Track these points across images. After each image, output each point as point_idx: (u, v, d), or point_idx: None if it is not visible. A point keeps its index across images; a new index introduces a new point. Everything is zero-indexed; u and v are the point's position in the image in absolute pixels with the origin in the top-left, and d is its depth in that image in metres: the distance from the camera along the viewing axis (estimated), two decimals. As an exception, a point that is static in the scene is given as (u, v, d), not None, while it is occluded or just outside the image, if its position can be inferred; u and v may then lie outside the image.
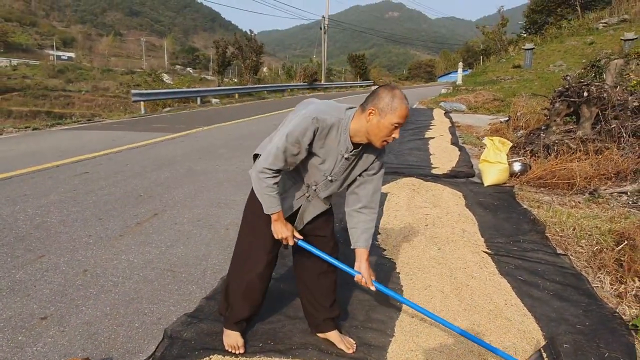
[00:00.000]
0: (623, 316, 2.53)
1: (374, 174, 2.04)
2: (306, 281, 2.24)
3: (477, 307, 2.60)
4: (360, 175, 2.03)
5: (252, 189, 2.04)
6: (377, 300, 2.68)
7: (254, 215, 2.10)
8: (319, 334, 2.30)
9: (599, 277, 3.00)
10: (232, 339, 2.20)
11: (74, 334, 2.33)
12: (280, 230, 1.98)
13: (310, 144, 1.84)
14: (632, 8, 24.89)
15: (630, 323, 2.42)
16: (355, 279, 2.08)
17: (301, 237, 2.06)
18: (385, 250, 3.44)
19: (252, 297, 2.17)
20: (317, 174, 1.98)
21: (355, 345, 2.24)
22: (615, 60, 8.39)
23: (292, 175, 2.01)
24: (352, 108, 1.89)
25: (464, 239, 3.57)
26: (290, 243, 2.02)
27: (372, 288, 2.07)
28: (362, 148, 1.92)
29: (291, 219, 2.07)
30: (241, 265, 2.16)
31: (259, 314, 2.31)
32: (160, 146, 7.95)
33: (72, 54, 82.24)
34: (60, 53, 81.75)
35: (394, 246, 3.47)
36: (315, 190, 2.02)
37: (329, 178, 1.97)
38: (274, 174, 1.86)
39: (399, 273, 3.05)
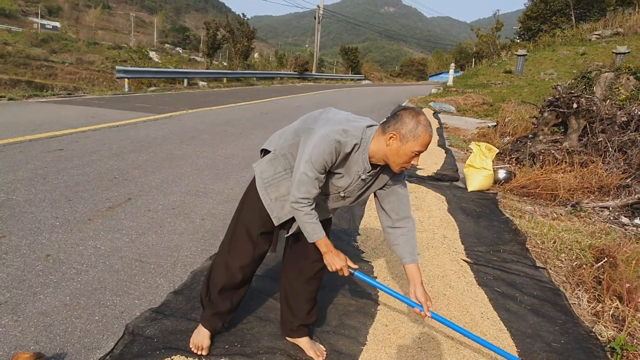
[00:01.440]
0: (599, 337, 2.49)
1: (395, 185, 1.93)
2: (293, 284, 2.13)
3: (453, 319, 2.52)
4: (381, 188, 1.93)
5: (254, 179, 1.97)
6: (352, 306, 2.60)
7: (248, 207, 2.00)
8: (288, 339, 2.21)
9: (576, 294, 2.97)
10: (199, 338, 2.10)
11: (28, 325, 2.19)
12: (333, 261, 1.85)
13: (332, 165, 1.76)
14: (626, 22, 25.18)
15: (608, 345, 2.38)
16: (414, 311, 1.94)
17: (357, 267, 1.91)
18: (364, 252, 3.35)
19: (231, 289, 2.07)
20: (330, 189, 1.88)
21: (325, 352, 2.16)
22: (606, 74, 8.42)
23: None
24: (372, 126, 1.79)
25: (444, 246, 3.51)
26: (346, 274, 1.88)
27: (429, 315, 1.91)
28: (380, 168, 1.83)
29: (290, 221, 1.95)
30: (226, 254, 2.05)
31: (235, 312, 2.20)
32: (141, 127, 7.72)
33: (57, 24, 79.83)
34: (45, 22, 79.33)
35: (373, 249, 3.39)
36: (324, 200, 1.93)
37: (342, 194, 1.88)
38: (310, 203, 1.76)
39: (376, 277, 2.97)
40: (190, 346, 2.09)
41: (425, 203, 4.52)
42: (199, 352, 2.06)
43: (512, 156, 6.41)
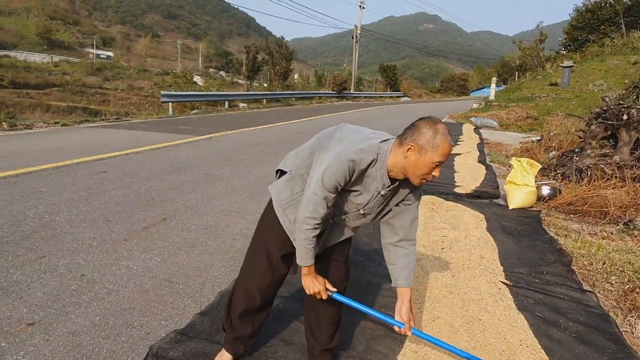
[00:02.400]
0: (655, 369, 2.26)
1: (411, 204, 1.87)
2: (315, 308, 2.06)
3: (488, 346, 2.37)
4: (396, 205, 1.87)
5: (270, 201, 1.96)
6: (380, 330, 2.49)
7: (265, 230, 1.98)
8: None
9: (628, 320, 2.72)
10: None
11: (58, 344, 2.23)
12: (311, 284, 1.83)
13: (347, 183, 1.71)
14: (682, 28, 23.88)
15: (663, 379, 2.15)
16: (394, 329, 1.91)
17: (335, 290, 1.90)
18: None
19: (251, 313, 2.03)
20: (350, 207, 1.83)
21: None
22: (659, 83, 7.93)
23: None
24: (387, 140, 1.73)
25: (481, 267, 3.34)
26: (324, 297, 1.86)
27: (409, 334, 1.90)
28: (399, 182, 1.77)
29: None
30: (245, 278, 2.02)
31: (257, 336, 2.15)
32: (181, 148, 7.95)
33: (110, 53, 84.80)
34: (99, 52, 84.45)
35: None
36: (344, 219, 1.89)
37: (362, 212, 1.83)
38: (317, 223, 1.72)
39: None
40: None
41: (462, 222, 4.34)
42: None
43: (558, 171, 6.09)
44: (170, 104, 15.85)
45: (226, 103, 19.32)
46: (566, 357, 2.33)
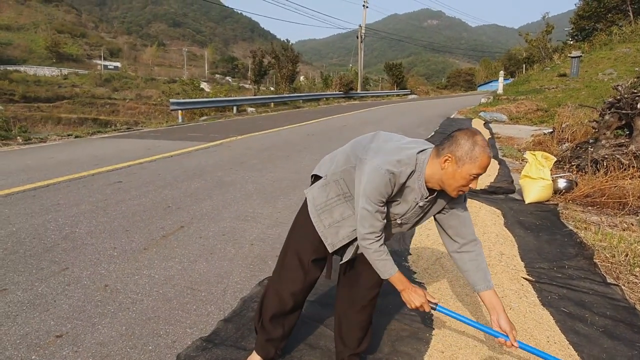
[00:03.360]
0: (687, 362, 2.22)
1: (454, 209, 1.84)
2: (347, 312, 2.07)
3: (516, 343, 2.35)
4: (440, 212, 1.85)
5: (305, 202, 1.96)
6: (405, 332, 2.48)
7: (299, 234, 1.97)
8: None
9: (656, 313, 2.68)
10: None
11: (87, 355, 2.26)
12: (412, 298, 1.78)
13: (390, 196, 1.71)
14: (691, 13, 23.50)
15: (696, 371, 2.12)
16: (499, 342, 1.80)
17: (437, 301, 1.84)
18: (415, 273, 3.23)
19: (282, 316, 2.03)
20: (387, 216, 1.80)
21: None
22: (673, 69, 7.81)
23: (351, 204, 1.85)
24: (424, 150, 1.71)
25: (502, 263, 3.31)
26: (427, 310, 1.83)
27: (516, 345, 1.77)
28: (436, 193, 1.76)
29: (344, 247, 1.91)
30: (277, 281, 2.02)
31: (288, 339, 2.16)
32: (193, 155, 8.00)
33: (118, 64, 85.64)
34: (107, 63, 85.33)
35: (425, 269, 3.26)
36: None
37: (399, 221, 1.82)
38: (378, 236, 1.71)
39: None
40: None
41: (479, 218, 4.31)
42: None
43: (573, 164, 6.02)
44: (180, 111, 15.96)
45: (234, 108, 19.42)
46: (595, 353, 2.30)
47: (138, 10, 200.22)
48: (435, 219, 1.91)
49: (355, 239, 1.84)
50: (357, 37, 41.26)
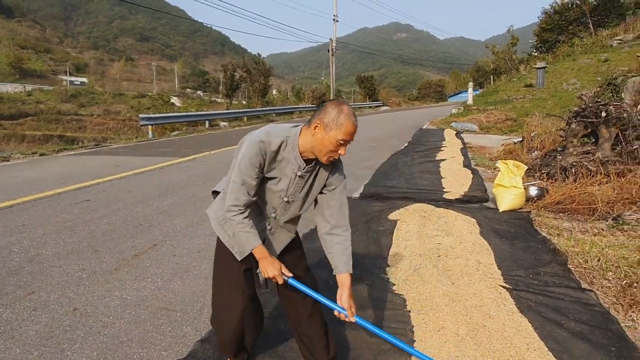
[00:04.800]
0: (662, 364, 2.26)
1: (334, 188, 1.93)
2: (297, 323, 2.10)
3: (497, 352, 2.35)
4: (321, 192, 1.94)
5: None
6: (386, 345, 2.45)
7: (220, 260, 2.02)
8: None
9: (630, 316, 2.74)
10: None
11: (55, 385, 2.13)
12: (267, 268, 1.85)
13: (263, 168, 1.79)
14: (648, 24, 24.73)
15: (672, 373, 2.16)
16: (337, 315, 1.91)
17: (291, 275, 1.91)
18: (395, 285, 3.21)
19: (240, 339, 2.07)
20: (273, 198, 1.90)
21: None
22: (634, 78, 8.14)
23: (252, 208, 1.89)
24: (298, 126, 1.84)
25: (479, 272, 3.33)
26: (280, 282, 1.88)
27: (353, 320, 1.89)
28: (315, 164, 1.85)
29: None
30: (220, 316, 2.06)
31: (257, 339, 2.21)
32: (165, 171, 7.84)
33: (84, 79, 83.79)
34: (73, 78, 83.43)
35: (404, 280, 3.24)
36: (275, 217, 1.94)
37: (286, 199, 1.89)
38: (241, 210, 1.79)
39: (409, 311, 2.82)
40: None
41: (455, 228, 4.35)
42: None
43: (543, 171, 6.17)
44: (150, 126, 15.68)
45: (207, 123, 19.22)
46: (574, 359, 2.32)
47: (104, 25, 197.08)
48: (316, 200, 1.98)
49: (264, 242, 1.91)
50: (329, 51, 41.67)
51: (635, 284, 3.01)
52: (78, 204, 5.47)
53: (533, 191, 5.21)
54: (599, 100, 6.32)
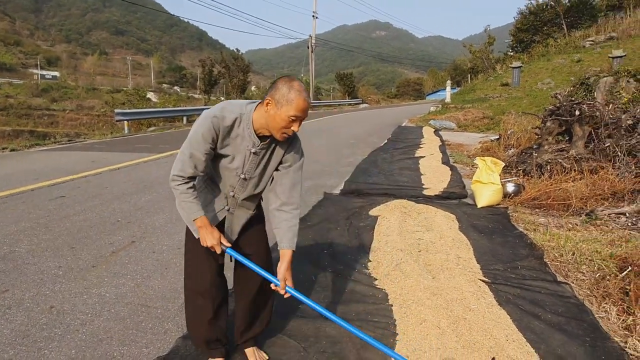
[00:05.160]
0: (634, 352, 2.35)
1: (289, 166, 1.98)
2: (245, 298, 2.18)
3: (477, 344, 2.39)
4: (276, 169, 1.98)
5: None
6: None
7: (189, 238, 2.04)
8: (240, 345, 2.27)
9: (604, 308, 2.83)
10: None
11: (31, 385, 2.08)
12: (206, 237, 1.87)
13: (215, 144, 1.81)
14: (619, 26, 25.47)
15: (644, 361, 2.24)
16: (272, 287, 1.98)
17: (229, 245, 1.95)
18: (376, 280, 3.24)
19: (205, 319, 2.08)
20: (230, 176, 1.93)
21: (267, 359, 2.23)
22: (605, 78, 8.39)
23: (210, 187, 1.98)
24: (253, 102, 1.86)
25: (459, 267, 3.38)
26: (218, 251, 1.90)
27: (284, 294, 1.94)
28: (271, 141, 1.88)
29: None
30: (190, 292, 2.11)
31: (226, 334, 2.21)
32: (142, 167, 7.70)
33: (56, 73, 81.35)
34: (44, 72, 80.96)
35: (386, 275, 3.27)
36: (234, 196, 1.97)
37: (242, 176, 1.92)
38: (185, 181, 1.82)
39: (391, 305, 2.84)
40: None
41: (436, 223, 4.40)
42: None
43: (519, 168, 6.31)
44: (126, 122, 15.38)
45: (184, 118, 18.95)
46: (551, 348, 2.39)
47: (77, 17, 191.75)
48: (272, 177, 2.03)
49: (224, 221, 2.00)
50: (308, 47, 41.62)
51: (607, 277, 3.10)
52: (52, 200, 5.33)
53: (510, 187, 5.32)
54: (573, 99, 6.49)
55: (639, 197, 4.63)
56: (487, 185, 5.07)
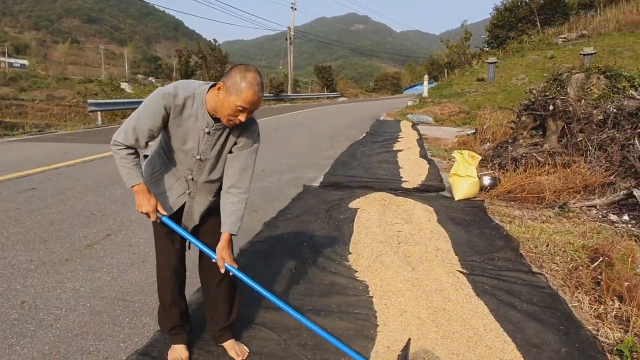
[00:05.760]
0: (606, 340, 2.42)
1: (242, 148, 1.95)
2: (207, 290, 2.23)
3: (456, 334, 2.43)
4: (230, 151, 1.96)
5: None
6: (350, 330, 2.48)
7: (154, 227, 2.08)
8: (220, 344, 2.27)
9: (576, 297, 2.91)
10: (176, 353, 2.16)
11: (3, 382, 2.01)
12: (142, 203, 1.87)
13: (165, 123, 1.81)
14: (589, 24, 26.14)
15: (615, 348, 2.32)
16: (213, 262, 1.98)
17: (165, 213, 1.94)
18: (357, 271, 3.25)
19: (167, 304, 2.13)
20: (187, 158, 1.92)
21: (247, 352, 2.24)
22: (577, 75, 8.60)
23: (171, 170, 1.98)
24: (207, 84, 1.85)
25: (438, 258, 3.43)
26: (152, 218, 1.91)
27: (222, 269, 1.94)
28: (228, 128, 1.88)
29: (179, 216, 2.02)
30: (158, 268, 2.15)
31: (189, 320, 2.26)
32: (117, 159, 7.52)
33: (25, 61, 78.52)
34: (12, 60, 77.99)
35: (366, 267, 3.29)
36: (192, 179, 1.97)
37: (198, 157, 1.91)
38: (125, 147, 1.81)
39: (372, 297, 2.86)
40: None
41: (414, 216, 4.45)
42: None
43: (495, 162, 6.43)
44: (99, 112, 14.98)
45: (160, 109, 18.56)
46: (527, 337, 2.44)
47: (47, 3, 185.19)
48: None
49: (184, 206, 2.01)
50: (286, 39, 41.32)
51: (580, 267, 3.19)
52: (22, 192, 5.15)
53: (486, 181, 5.41)
54: (547, 94, 6.63)
55: (609, 191, 4.78)
56: (465, 178, 5.14)
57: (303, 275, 3.17)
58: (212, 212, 2.09)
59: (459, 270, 3.26)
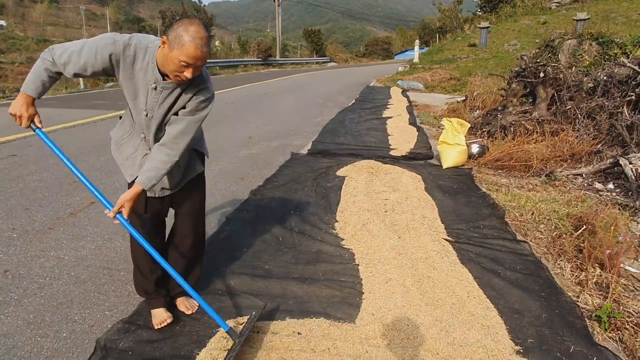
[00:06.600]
0: (586, 306, 2.48)
1: (188, 113, 1.88)
2: (176, 251, 2.25)
3: (440, 301, 2.47)
4: (176, 114, 1.90)
5: None
6: (336, 297, 2.50)
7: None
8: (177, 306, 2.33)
9: (559, 264, 2.96)
10: (158, 317, 2.19)
11: (-13, 351, 2.00)
12: (16, 104, 1.82)
13: (111, 70, 1.77)
14: (584, -13, 25.66)
15: (594, 314, 2.37)
16: (105, 213, 1.94)
17: (40, 126, 1.90)
18: (343, 240, 3.26)
19: (144, 270, 2.17)
20: (141, 117, 1.89)
21: (196, 307, 2.31)
22: (569, 41, 8.50)
23: (136, 131, 1.96)
24: (160, 40, 1.79)
25: (424, 226, 3.45)
26: (23, 124, 1.84)
27: (111, 215, 1.89)
28: (179, 89, 1.83)
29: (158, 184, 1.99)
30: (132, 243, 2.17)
31: (167, 283, 2.28)
32: (100, 125, 7.36)
33: (2, 22, 75.51)
34: (-12, 21, 74.99)
35: (353, 235, 3.30)
36: (145, 138, 1.96)
37: (147, 115, 1.87)
38: (51, 63, 1.77)
39: (358, 265, 2.88)
40: (156, 327, 2.16)
41: (402, 184, 4.45)
42: (164, 324, 2.17)
43: (484, 130, 6.41)
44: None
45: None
46: (509, 304, 2.49)
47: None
48: None
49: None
50: (274, 1, 40.12)
51: (564, 235, 3.24)
52: (3, 159, 5.04)
53: (474, 149, 5.41)
54: (538, 61, 6.56)
55: (596, 159, 4.81)
56: (453, 146, 5.13)
57: (289, 243, 3.17)
58: (191, 183, 2.12)
59: (444, 238, 3.28)
